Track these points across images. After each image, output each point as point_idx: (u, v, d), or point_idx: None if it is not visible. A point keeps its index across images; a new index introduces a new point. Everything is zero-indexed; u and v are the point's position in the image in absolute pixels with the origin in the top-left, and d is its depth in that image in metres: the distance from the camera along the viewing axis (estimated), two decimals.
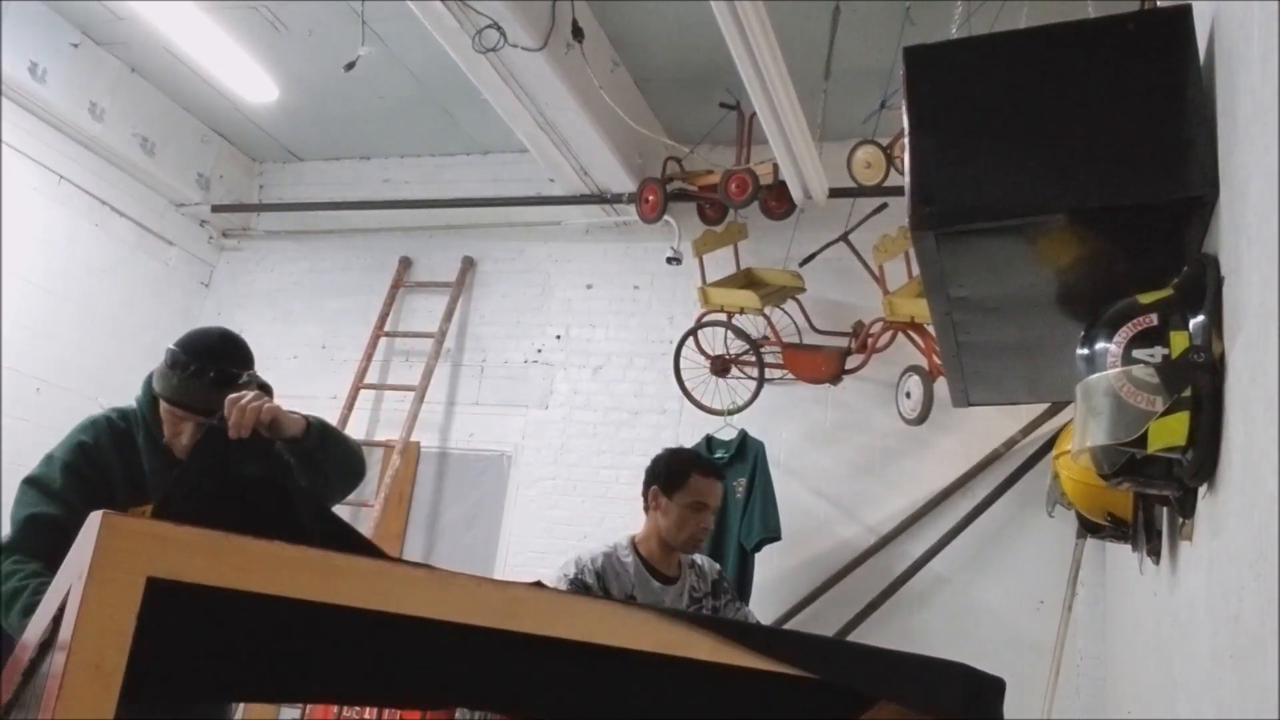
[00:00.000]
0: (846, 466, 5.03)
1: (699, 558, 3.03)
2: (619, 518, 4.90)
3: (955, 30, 2.90)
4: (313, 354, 6.23)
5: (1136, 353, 1.49)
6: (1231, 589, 1.33)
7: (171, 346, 2.27)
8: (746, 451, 4.69)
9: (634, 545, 2.94)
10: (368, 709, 4.39)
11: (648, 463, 4.36)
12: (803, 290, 4.99)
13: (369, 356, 5.94)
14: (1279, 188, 1.16)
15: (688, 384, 4.96)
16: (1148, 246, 1.84)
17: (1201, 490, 1.54)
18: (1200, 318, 1.46)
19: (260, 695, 2.26)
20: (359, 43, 4.41)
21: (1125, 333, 1.51)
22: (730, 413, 4.83)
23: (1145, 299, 1.55)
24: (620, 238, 5.80)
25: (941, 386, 3.31)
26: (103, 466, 2.25)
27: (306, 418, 2.14)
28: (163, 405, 2.26)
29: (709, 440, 4.81)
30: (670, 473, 2.91)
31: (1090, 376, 1.56)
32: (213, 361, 2.20)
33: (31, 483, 2.23)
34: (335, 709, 4.41)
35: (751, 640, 1.23)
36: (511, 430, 5.66)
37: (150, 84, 5.93)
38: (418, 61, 5.30)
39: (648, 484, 2.98)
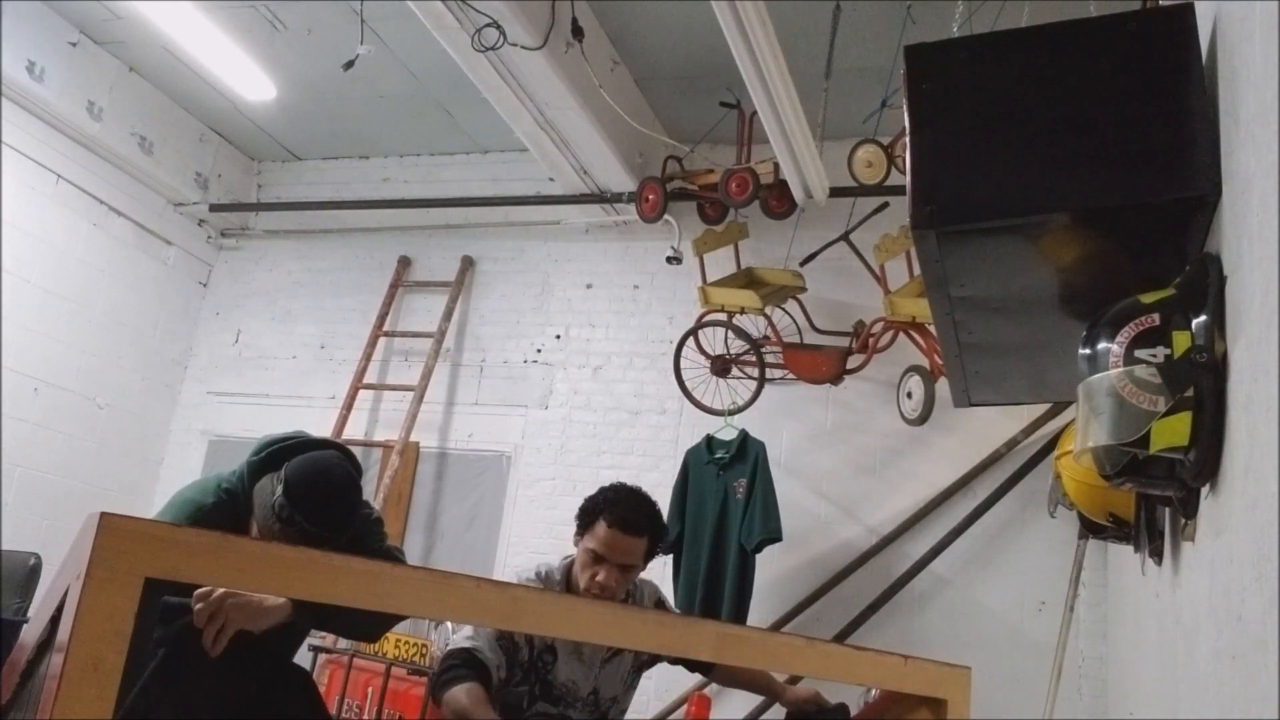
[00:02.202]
0: (847, 467, 5.02)
1: (637, 583, 2.75)
2: None
3: (956, 29, 2.89)
4: (311, 354, 6.22)
5: (1139, 353, 1.48)
6: (1234, 589, 1.33)
7: (283, 488, 2.13)
8: (747, 451, 4.68)
9: (566, 574, 2.66)
10: (366, 709, 4.39)
11: (648, 463, 4.32)
12: (803, 290, 4.99)
13: (368, 356, 5.94)
14: None
15: (688, 384, 4.95)
16: (1149, 246, 1.83)
17: (1204, 491, 1.53)
18: (1202, 317, 1.46)
19: None
20: (358, 42, 4.41)
21: (1127, 332, 1.51)
22: (731, 413, 4.82)
23: (1147, 299, 1.55)
24: (620, 237, 5.79)
25: (943, 386, 3.30)
26: None
27: (295, 602, 2.02)
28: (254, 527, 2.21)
29: (709, 440, 4.80)
30: (583, 511, 2.62)
31: (1092, 376, 1.56)
32: (316, 525, 2.12)
33: None
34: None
35: None
36: (511, 430, 5.65)
37: (149, 83, 5.92)
38: (417, 60, 5.30)
39: None
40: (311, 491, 2.15)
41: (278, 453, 2.22)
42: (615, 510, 2.54)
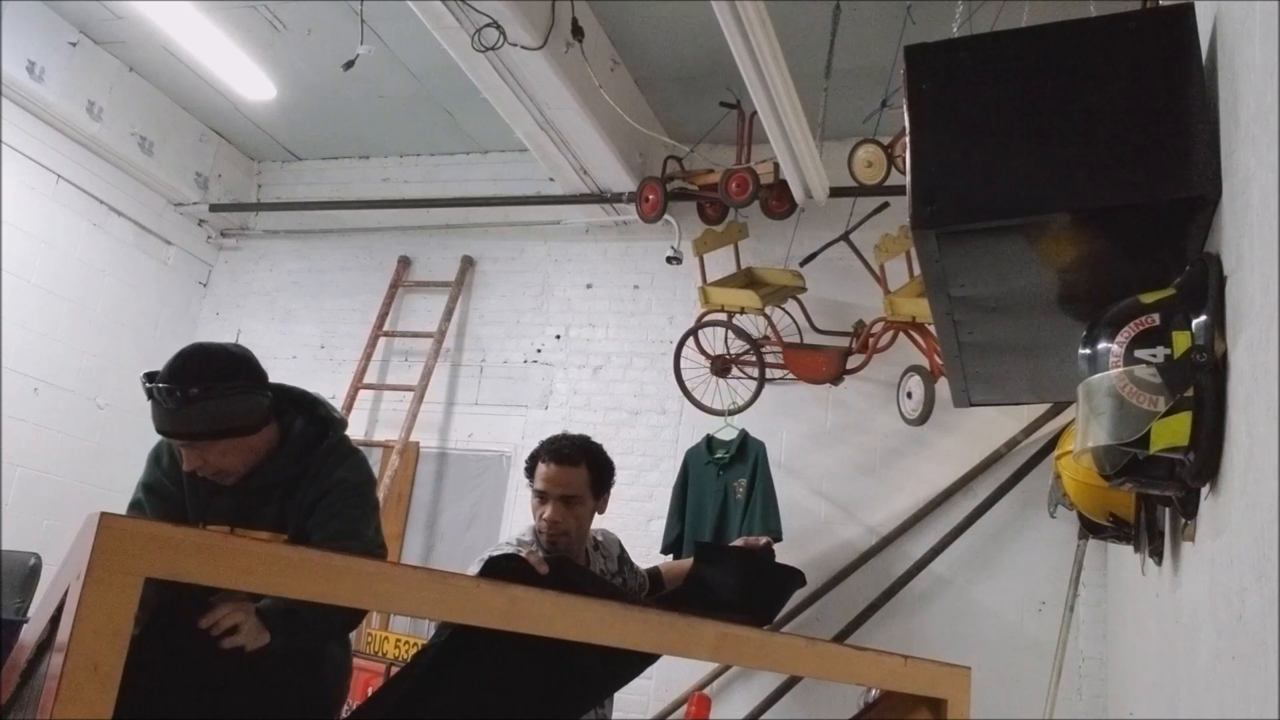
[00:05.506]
0: (847, 467, 5.02)
1: (599, 535, 2.82)
2: (617, 518, 4.89)
3: (956, 29, 2.89)
4: (311, 354, 6.22)
5: (1139, 353, 1.48)
6: (1233, 589, 1.33)
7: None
8: (747, 452, 4.68)
9: (536, 535, 2.69)
10: None
11: (649, 463, 4.24)
12: (803, 290, 4.99)
13: (368, 356, 5.94)
14: None
15: (688, 384, 4.95)
16: (1149, 246, 1.83)
17: (1204, 491, 1.53)
18: (1202, 317, 1.46)
19: None
20: (358, 42, 4.41)
21: (1127, 332, 1.51)
22: (731, 413, 4.82)
23: (1147, 298, 1.55)
24: (620, 237, 5.79)
25: (943, 386, 3.30)
26: (175, 487, 2.26)
27: (267, 621, 1.93)
28: None
29: (709, 440, 4.80)
30: (527, 460, 2.70)
31: (1092, 376, 1.56)
32: (168, 383, 2.06)
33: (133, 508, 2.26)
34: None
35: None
36: (511, 430, 5.65)
37: (149, 83, 5.92)
38: (417, 61, 5.30)
39: None
40: (168, 362, 2.13)
41: None
42: (548, 447, 2.64)
